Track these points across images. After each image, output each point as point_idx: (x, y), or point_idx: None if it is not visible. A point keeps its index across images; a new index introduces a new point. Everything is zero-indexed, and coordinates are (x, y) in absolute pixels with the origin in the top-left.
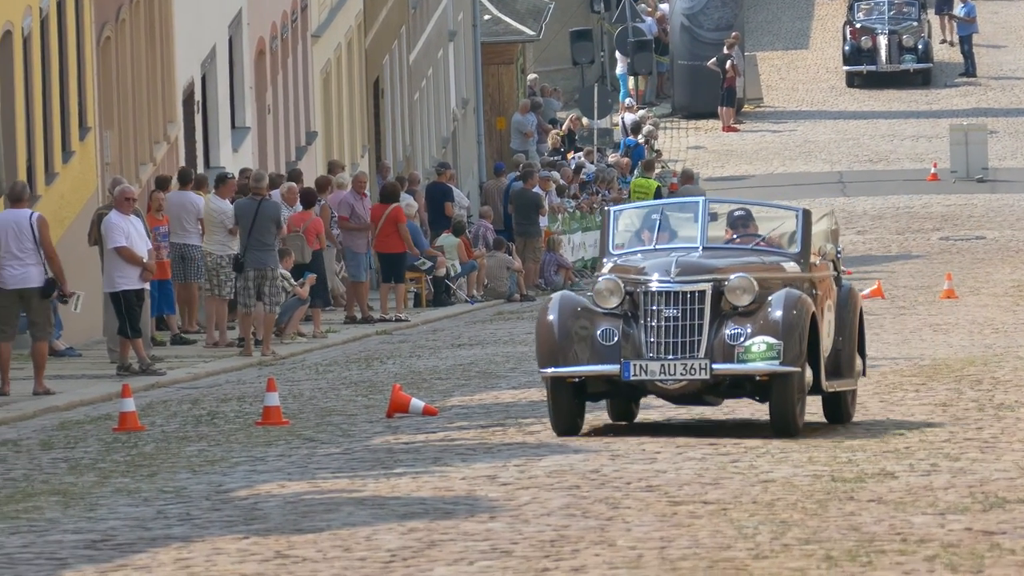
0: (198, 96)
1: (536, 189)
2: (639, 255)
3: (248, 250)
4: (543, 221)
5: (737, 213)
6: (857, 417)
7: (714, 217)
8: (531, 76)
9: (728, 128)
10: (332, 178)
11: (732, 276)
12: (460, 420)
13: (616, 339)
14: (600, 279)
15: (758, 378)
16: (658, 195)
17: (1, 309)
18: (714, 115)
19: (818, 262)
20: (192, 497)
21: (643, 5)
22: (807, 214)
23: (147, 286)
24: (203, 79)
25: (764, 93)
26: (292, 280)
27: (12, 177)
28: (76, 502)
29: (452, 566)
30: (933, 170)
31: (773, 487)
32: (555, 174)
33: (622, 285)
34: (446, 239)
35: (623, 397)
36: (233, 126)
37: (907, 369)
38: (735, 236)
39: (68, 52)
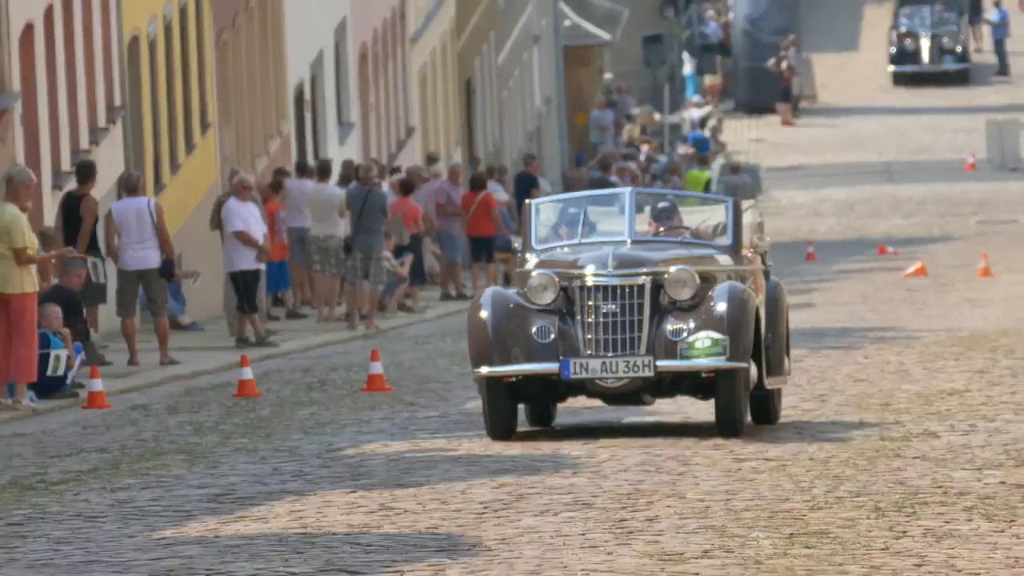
0: (307, 95)
1: (613, 177)
2: (566, 249)
3: (357, 233)
4: None
5: (661, 205)
6: (904, 381)
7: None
8: (607, 76)
9: (786, 122)
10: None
11: (672, 269)
12: None
13: (552, 336)
14: (533, 274)
15: (703, 375)
16: (708, 186)
17: (122, 288)
18: (773, 111)
19: (749, 255)
20: (304, 455)
21: (711, 12)
22: (737, 204)
23: (263, 266)
24: (312, 79)
25: (818, 91)
26: (393, 260)
27: (140, 168)
28: (200, 460)
29: (539, 517)
30: (971, 160)
31: (828, 446)
32: (631, 164)
33: (556, 280)
34: None
35: (558, 398)
36: (339, 122)
37: (947, 340)
38: (661, 228)
39: (189, 55)
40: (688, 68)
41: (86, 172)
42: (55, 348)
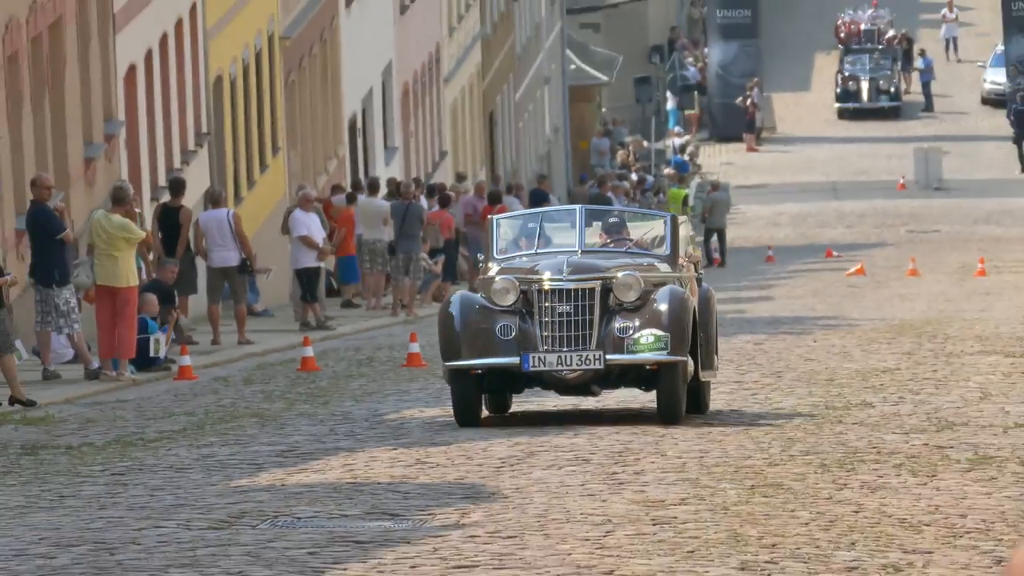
0: (359, 124)
1: (608, 194)
2: (524, 258)
3: (399, 239)
4: None
5: (611, 220)
6: (846, 362)
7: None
8: (604, 110)
9: (750, 149)
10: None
11: (620, 274)
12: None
13: (513, 334)
14: (496, 279)
15: (648, 368)
16: (686, 201)
17: (210, 281)
18: (740, 139)
19: (684, 263)
20: (355, 419)
21: (690, 59)
22: (674, 219)
23: (322, 264)
24: (363, 112)
25: (777, 123)
26: (429, 260)
27: (222, 184)
28: (269, 422)
29: (546, 470)
30: (902, 180)
31: (782, 412)
32: (624, 183)
33: (517, 284)
34: None
35: (515, 390)
36: (385, 147)
37: (882, 327)
38: (609, 240)
39: (263, 92)
40: (671, 104)
41: (178, 187)
42: (152, 332)
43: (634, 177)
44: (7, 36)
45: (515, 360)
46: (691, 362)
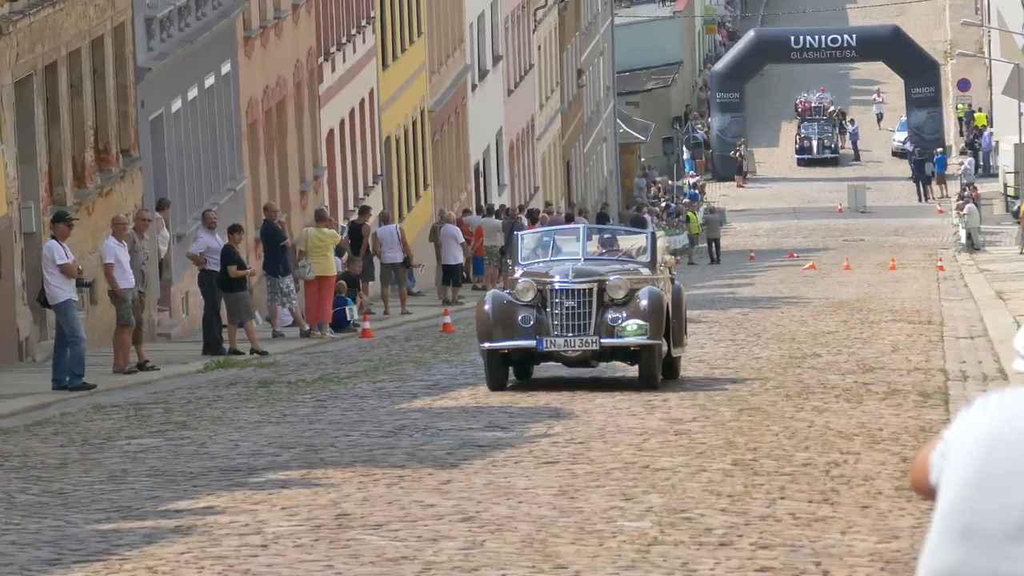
0: (481, 168)
1: (645, 215)
2: (541, 264)
3: (507, 245)
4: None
5: (606, 236)
6: (803, 327)
7: (589, 237)
8: (643, 159)
9: (739, 186)
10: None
11: (611, 277)
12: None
13: (532, 323)
14: (519, 281)
15: (632, 348)
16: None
17: (383, 273)
18: (732, 179)
19: (662, 268)
20: (478, 365)
21: (699, 125)
22: (654, 235)
23: (461, 260)
24: (483, 160)
25: (757, 168)
26: None
27: (390, 208)
28: (420, 367)
29: (602, 399)
30: (840, 207)
31: (760, 360)
32: (655, 208)
33: (535, 284)
34: None
35: (534, 363)
36: (498, 183)
37: (826, 304)
38: (604, 251)
39: (418, 145)
40: (686, 155)
41: (364, 211)
42: (348, 304)
43: (662, 204)
44: (249, 109)
45: (532, 343)
46: (665, 343)
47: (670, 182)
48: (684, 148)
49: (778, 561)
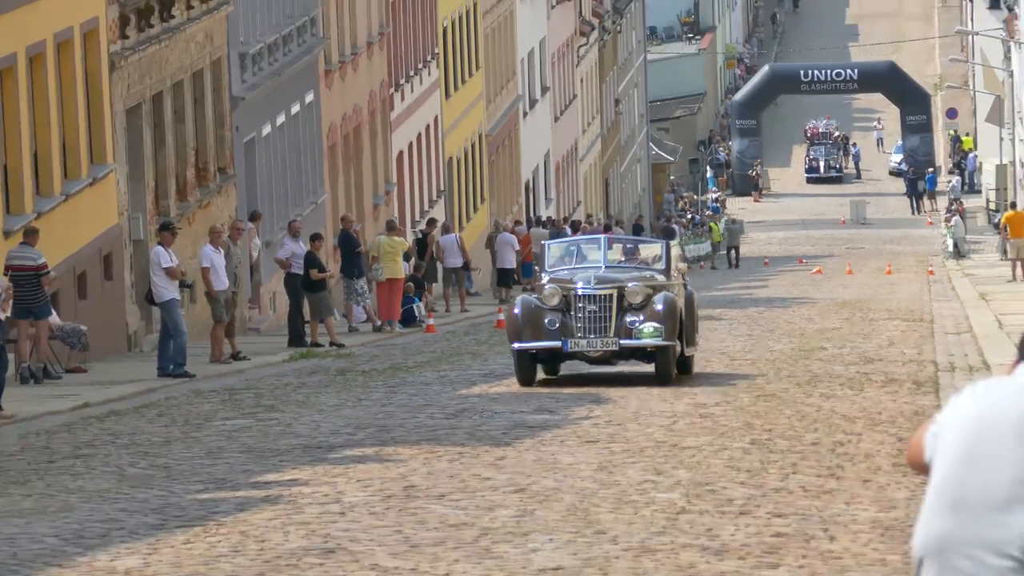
0: (531, 185)
1: (673, 225)
2: (565, 272)
3: None
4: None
5: (627, 246)
6: (811, 323)
7: (610, 246)
8: (672, 177)
9: (756, 200)
10: (586, 223)
11: (630, 284)
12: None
13: (557, 325)
14: (546, 287)
15: (648, 349)
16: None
17: (444, 276)
18: (750, 195)
19: (676, 276)
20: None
21: (721, 148)
22: (667, 244)
23: (515, 265)
24: (532, 178)
25: (771, 185)
26: None
27: (451, 220)
28: (477, 358)
29: (635, 389)
30: (843, 219)
31: (774, 352)
32: (683, 220)
33: (560, 290)
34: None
35: (560, 362)
36: (545, 198)
37: (831, 304)
38: (624, 260)
39: (476, 166)
40: (710, 174)
41: (429, 222)
42: (415, 303)
43: (689, 216)
44: (329, 133)
45: (558, 343)
46: (678, 344)
47: (695, 197)
48: (708, 168)
49: (791, 528)
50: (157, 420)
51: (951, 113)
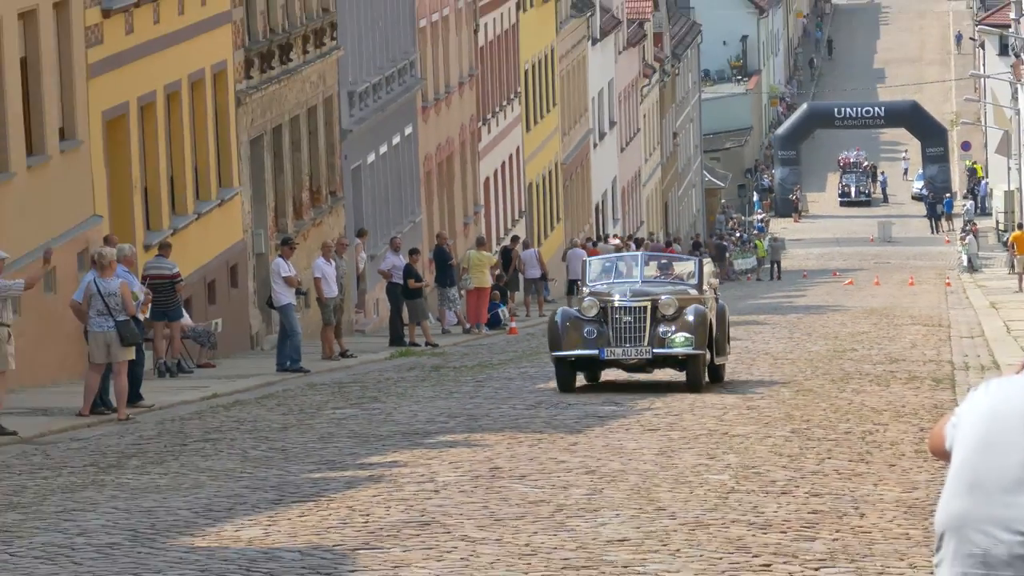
0: (600, 207)
1: (724, 243)
2: (605, 285)
3: None
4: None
5: (663, 262)
6: (844, 328)
7: (647, 262)
8: (723, 200)
9: (796, 221)
10: (647, 239)
11: (663, 296)
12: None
13: (595, 335)
14: (585, 299)
15: (680, 357)
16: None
17: (525, 285)
18: (791, 216)
19: (707, 290)
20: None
21: (766, 175)
22: (700, 261)
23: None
24: (602, 201)
25: (809, 207)
26: None
27: (531, 236)
28: (523, 361)
29: (660, 394)
30: (871, 237)
31: (812, 353)
32: (732, 237)
33: (598, 303)
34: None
35: (598, 369)
36: (612, 218)
37: (861, 311)
38: (659, 274)
39: (553, 191)
40: (756, 198)
41: (514, 239)
42: (500, 308)
43: (737, 234)
44: (425, 161)
45: (595, 352)
46: (708, 353)
47: (743, 218)
48: (754, 192)
49: (826, 506)
50: (276, 409)
51: (965, 146)
